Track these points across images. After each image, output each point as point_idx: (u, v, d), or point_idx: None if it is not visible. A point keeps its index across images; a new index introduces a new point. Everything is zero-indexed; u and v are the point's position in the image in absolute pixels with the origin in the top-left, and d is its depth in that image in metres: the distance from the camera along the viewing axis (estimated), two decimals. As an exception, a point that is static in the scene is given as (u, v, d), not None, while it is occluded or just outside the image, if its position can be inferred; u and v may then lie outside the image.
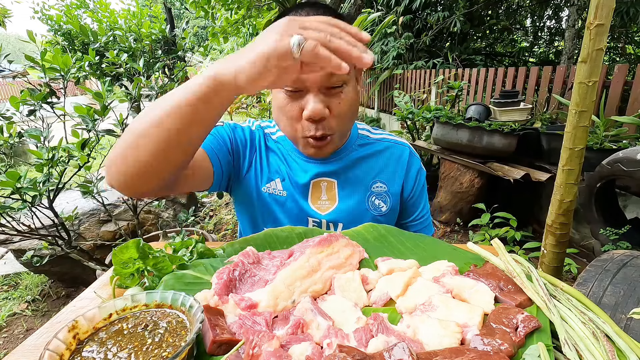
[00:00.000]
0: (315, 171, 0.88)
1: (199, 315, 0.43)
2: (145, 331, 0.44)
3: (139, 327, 0.44)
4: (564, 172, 1.32)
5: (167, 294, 0.49)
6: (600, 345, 0.42)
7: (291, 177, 0.89)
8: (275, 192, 0.89)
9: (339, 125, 0.78)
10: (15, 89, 5.58)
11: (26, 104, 1.46)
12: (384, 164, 0.92)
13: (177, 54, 2.97)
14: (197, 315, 0.43)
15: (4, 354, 1.84)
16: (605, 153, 2.05)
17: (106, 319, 0.46)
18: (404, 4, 6.06)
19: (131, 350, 0.41)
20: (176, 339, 0.42)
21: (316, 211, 0.88)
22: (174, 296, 0.48)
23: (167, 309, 0.48)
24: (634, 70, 2.67)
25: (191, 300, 0.46)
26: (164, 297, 0.48)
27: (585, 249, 2.40)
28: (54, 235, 1.74)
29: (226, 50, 10.30)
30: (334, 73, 0.73)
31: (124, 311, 0.47)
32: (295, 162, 0.89)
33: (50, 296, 2.45)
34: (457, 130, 3.03)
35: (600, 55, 1.16)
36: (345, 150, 0.90)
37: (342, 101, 0.75)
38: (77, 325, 0.44)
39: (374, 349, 0.43)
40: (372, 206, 0.90)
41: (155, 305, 0.48)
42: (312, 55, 0.48)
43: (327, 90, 0.74)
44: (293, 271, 0.56)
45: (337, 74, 0.73)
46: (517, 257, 0.59)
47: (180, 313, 0.47)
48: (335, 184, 0.89)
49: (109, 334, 0.44)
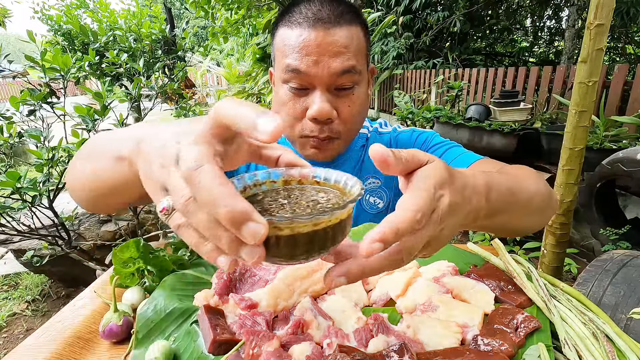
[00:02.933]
0: None
1: (357, 187, 0.33)
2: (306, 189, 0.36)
3: (298, 189, 0.36)
4: (564, 172, 1.32)
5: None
6: (600, 345, 0.42)
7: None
8: None
9: (346, 130, 0.72)
10: (15, 89, 5.59)
11: (26, 104, 1.46)
12: (369, 156, 0.85)
13: (177, 54, 2.96)
14: (355, 186, 0.34)
15: (4, 354, 1.84)
16: (605, 153, 2.05)
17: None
18: (404, 4, 6.06)
19: (298, 199, 0.34)
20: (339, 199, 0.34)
21: None
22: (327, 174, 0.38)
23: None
24: (634, 70, 2.67)
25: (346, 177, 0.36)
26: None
27: (585, 249, 2.40)
28: (54, 235, 1.74)
29: (226, 51, 10.30)
30: (345, 71, 0.68)
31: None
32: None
33: (50, 296, 2.45)
34: (457, 130, 3.03)
35: (600, 55, 1.16)
36: (347, 154, 0.85)
37: (352, 104, 0.70)
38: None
39: (374, 349, 0.43)
40: (367, 205, 0.85)
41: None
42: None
43: (336, 91, 0.69)
44: (293, 271, 0.56)
45: (349, 73, 0.67)
46: (517, 257, 0.59)
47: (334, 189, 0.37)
48: None
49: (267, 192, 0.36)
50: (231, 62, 8.60)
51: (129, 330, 0.51)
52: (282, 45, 0.69)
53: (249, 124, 0.27)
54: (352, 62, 0.68)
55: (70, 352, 0.49)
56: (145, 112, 2.22)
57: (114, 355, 0.49)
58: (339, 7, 0.68)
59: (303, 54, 0.66)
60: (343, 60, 0.67)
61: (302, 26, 0.67)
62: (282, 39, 0.70)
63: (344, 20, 0.67)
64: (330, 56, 0.66)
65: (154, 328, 0.49)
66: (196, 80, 10.98)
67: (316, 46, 0.66)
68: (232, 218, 0.25)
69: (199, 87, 11.02)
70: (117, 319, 0.51)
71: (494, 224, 0.51)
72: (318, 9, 0.67)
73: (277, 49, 0.72)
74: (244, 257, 0.27)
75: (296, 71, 0.67)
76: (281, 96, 0.72)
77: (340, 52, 0.66)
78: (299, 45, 0.66)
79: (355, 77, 0.69)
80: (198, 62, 10.60)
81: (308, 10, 0.67)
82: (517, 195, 0.49)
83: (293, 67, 0.67)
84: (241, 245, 0.27)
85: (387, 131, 0.91)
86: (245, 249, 0.27)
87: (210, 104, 10.12)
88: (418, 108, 4.12)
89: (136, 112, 2.33)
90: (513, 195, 0.47)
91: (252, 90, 6.08)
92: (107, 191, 0.47)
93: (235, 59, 9.33)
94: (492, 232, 0.61)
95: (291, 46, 0.67)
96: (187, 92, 5.14)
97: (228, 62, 8.63)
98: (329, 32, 0.66)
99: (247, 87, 6.28)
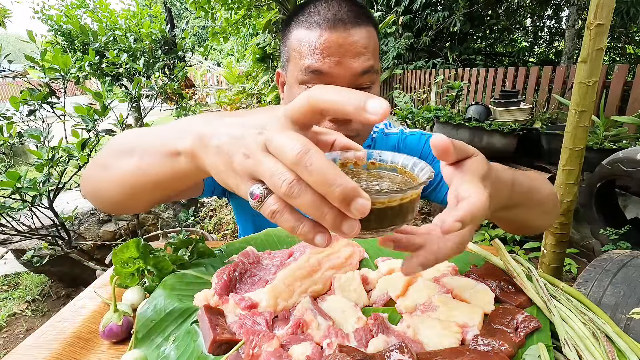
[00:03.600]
0: None
1: (426, 169, 0.36)
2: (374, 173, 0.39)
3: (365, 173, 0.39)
4: (564, 172, 1.32)
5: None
6: (600, 345, 0.42)
7: None
8: None
9: (365, 129, 0.73)
10: (15, 89, 5.59)
11: (26, 104, 1.46)
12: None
13: (177, 54, 2.96)
14: (424, 169, 0.36)
15: (4, 354, 1.84)
16: (605, 153, 2.05)
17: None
18: (404, 4, 6.06)
19: (364, 178, 0.37)
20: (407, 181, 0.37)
21: None
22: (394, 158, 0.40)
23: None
24: (634, 70, 2.67)
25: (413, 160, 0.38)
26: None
27: (585, 249, 2.40)
28: (54, 235, 1.74)
29: (226, 51, 10.29)
30: (365, 71, 0.69)
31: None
32: None
33: (50, 296, 2.45)
34: (457, 130, 3.03)
35: (600, 55, 1.16)
36: None
37: None
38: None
39: (374, 349, 0.43)
40: None
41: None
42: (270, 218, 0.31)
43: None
44: (293, 271, 0.56)
45: (368, 73, 0.68)
46: (517, 257, 0.59)
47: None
48: None
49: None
50: (231, 62, 8.60)
51: (129, 330, 0.51)
52: (300, 47, 0.69)
53: (359, 105, 0.29)
54: (371, 62, 0.69)
55: (70, 352, 0.49)
56: (145, 112, 2.22)
57: (114, 355, 0.49)
58: (356, 8, 0.69)
59: (325, 55, 0.66)
60: (363, 60, 0.68)
61: (322, 27, 0.67)
62: (299, 40, 0.69)
63: (361, 20, 0.68)
64: (351, 57, 0.67)
65: (153, 328, 0.49)
66: (196, 80, 10.98)
67: (338, 47, 0.66)
68: (345, 195, 0.27)
69: (199, 87, 11.02)
70: (117, 319, 0.50)
71: (510, 216, 0.58)
72: (337, 9, 0.68)
73: (294, 50, 0.71)
74: (345, 230, 0.29)
75: (317, 72, 0.67)
76: (296, 95, 0.71)
77: (360, 52, 0.67)
78: (320, 46, 0.66)
79: (373, 77, 0.70)
80: (198, 62, 10.60)
81: (327, 11, 0.68)
82: (534, 194, 0.57)
83: (314, 67, 0.67)
84: (344, 220, 0.29)
85: (394, 132, 0.91)
86: (346, 223, 0.29)
87: (210, 104, 10.12)
88: (418, 108, 4.12)
89: (136, 112, 2.33)
90: (531, 192, 0.55)
91: (252, 90, 6.08)
92: (152, 185, 0.47)
93: (235, 59, 9.33)
94: (506, 225, 0.66)
95: (311, 47, 0.67)
96: (187, 92, 5.14)
97: (228, 62, 8.63)
98: (349, 32, 0.66)
99: (247, 87, 6.29)
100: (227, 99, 6.72)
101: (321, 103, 0.31)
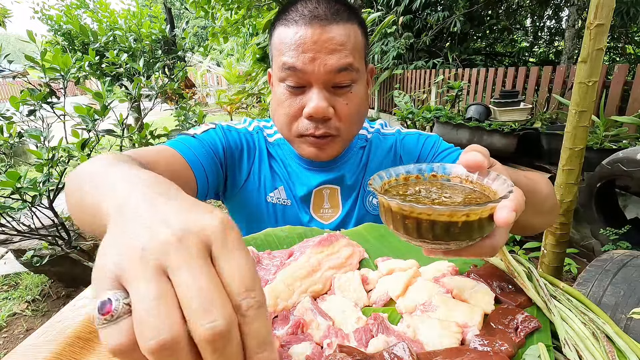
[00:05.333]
0: (318, 178, 0.81)
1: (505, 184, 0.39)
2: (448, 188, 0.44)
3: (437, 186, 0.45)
4: (564, 172, 1.32)
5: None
6: (600, 345, 0.42)
7: (291, 185, 0.82)
8: (280, 202, 0.83)
9: (345, 128, 0.71)
10: (15, 89, 5.59)
11: (26, 104, 1.46)
12: (373, 158, 0.85)
13: (177, 54, 2.97)
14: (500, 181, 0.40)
15: (4, 354, 1.84)
16: (605, 153, 2.05)
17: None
18: (404, 4, 6.06)
19: (444, 192, 0.41)
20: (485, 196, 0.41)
21: (319, 220, 0.83)
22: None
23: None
24: (634, 70, 2.67)
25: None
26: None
27: (585, 249, 2.40)
28: (54, 235, 1.74)
29: (226, 51, 10.30)
30: (342, 69, 0.67)
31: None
32: (296, 167, 0.83)
33: (50, 296, 2.45)
34: (457, 130, 3.03)
35: (600, 55, 1.16)
36: (347, 155, 0.84)
37: (350, 102, 0.69)
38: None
39: (374, 349, 0.43)
40: (370, 207, 0.85)
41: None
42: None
43: (333, 89, 0.68)
44: (293, 271, 0.56)
45: (346, 71, 0.67)
46: (517, 257, 0.59)
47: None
48: (339, 191, 0.83)
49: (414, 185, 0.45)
50: (231, 62, 8.60)
51: (129, 330, 0.51)
52: (279, 44, 0.69)
53: None
54: (349, 60, 0.67)
55: (70, 352, 0.49)
56: (145, 112, 2.22)
57: (114, 355, 0.49)
58: (336, 5, 0.68)
59: (299, 52, 0.65)
60: (340, 57, 0.66)
61: (298, 24, 0.66)
62: (279, 37, 0.69)
63: (340, 17, 0.67)
64: (326, 53, 0.65)
65: (154, 328, 0.49)
66: (196, 80, 10.99)
67: (312, 43, 0.65)
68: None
69: (199, 87, 11.03)
70: (117, 319, 0.50)
71: None
72: (315, 6, 0.66)
73: (274, 48, 0.71)
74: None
75: (292, 69, 0.66)
76: (278, 95, 0.71)
77: (336, 49, 0.66)
78: (295, 43, 0.66)
79: (352, 75, 0.68)
80: (198, 62, 10.61)
81: (304, 8, 0.67)
82: (535, 194, 0.57)
83: (289, 64, 0.66)
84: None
85: (390, 132, 0.90)
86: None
87: (210, 104, 10.11)
88: (418, 108, 4.12)
89: (136, 112, 2.33)
90: (531, 193, 0.55)
91: (252, 91, 6.08)
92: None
93: (235, 59, 9.33)
94: None
95: (287, 44, 0.67)
96: (187, 92, 5.14)
97: (228, 62, 8.63)
98: (325, 29, 0.65)
99: (247, 87, 6.28)
100: (227, 99, 6.73)
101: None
